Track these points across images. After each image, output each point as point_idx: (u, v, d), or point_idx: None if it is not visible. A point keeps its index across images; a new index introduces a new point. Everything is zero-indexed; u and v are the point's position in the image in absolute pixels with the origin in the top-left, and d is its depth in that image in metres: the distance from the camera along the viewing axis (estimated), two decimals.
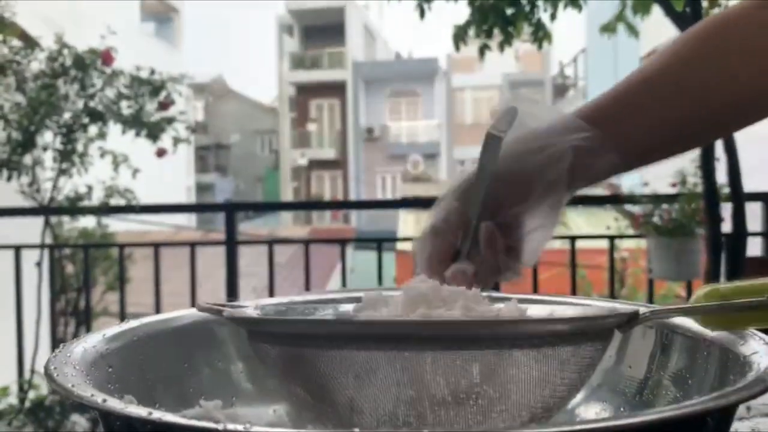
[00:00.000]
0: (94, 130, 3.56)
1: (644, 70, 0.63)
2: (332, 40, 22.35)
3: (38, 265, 3.33)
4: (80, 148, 3.52)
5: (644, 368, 0.54)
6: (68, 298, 4.35)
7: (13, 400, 3.30)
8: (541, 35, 3.50)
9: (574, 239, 3.36)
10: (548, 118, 0.61)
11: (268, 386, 0.57)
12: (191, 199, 16.28)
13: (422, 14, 3.42)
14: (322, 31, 22.73)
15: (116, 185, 3.56)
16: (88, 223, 4.43)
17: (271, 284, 3.21)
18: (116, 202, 3.55)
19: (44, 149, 3.54)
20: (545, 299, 0.60)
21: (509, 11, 3.40)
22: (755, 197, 3.14)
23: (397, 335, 0.42)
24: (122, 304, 3.34)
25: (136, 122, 3.58)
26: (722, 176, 2.93)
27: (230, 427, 0.33)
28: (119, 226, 5.17)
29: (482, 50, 3.52)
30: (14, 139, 3.40)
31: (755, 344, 0.45)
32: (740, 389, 0.37)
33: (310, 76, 22.55)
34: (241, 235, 3.65)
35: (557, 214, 0.59)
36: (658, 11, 3.04)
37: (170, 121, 3.68)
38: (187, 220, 11.16)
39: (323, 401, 0.44)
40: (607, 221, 3.43)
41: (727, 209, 2.92)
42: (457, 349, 0.42)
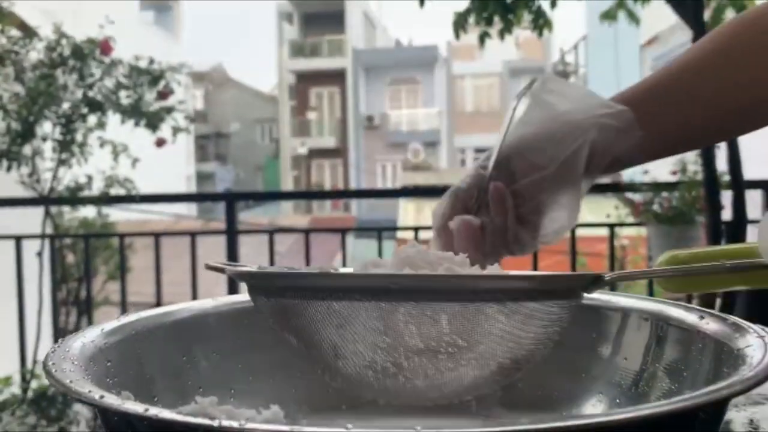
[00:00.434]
0: (93, 120, 3.56)
1: (681, 60, 0.62)
2: (332, 27, 22.25)
3: (39, 255, 3.34)
4: (80, 138, 3.51)
5: (640, 360, 0.54)
6: (69, 287, 4.36)
7: (15, 389, 3.31)
8: (541, 23, 3.48)
9: (573, 228, 3.35)
10: (578, 97, 0.61)
11: (264, 383, 0.57)
12: (191, 188, 16.25)
13: (422, 1, 3.40)
14: (321, 18, 22.62)
15: (116, 175, 3.56)
16: (88, 212, 4.43)
17: None
18: (116, 191, 3.55)
19: (44, 139, 3.54)
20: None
21: None
22: (755, 185, 3.14)
23: (371, 288, 0.45)
24: (123, 293, 3.35)
25: (135, 112, 3.57)
26: (722, 164, 2.92)
27: (225, 423, 0.34)
28: (119, 215, 5.17)
29: (482, 38, 3.51)
30: (14, 129, 3.40)
31: (750, 338, 0.45)
32: (732, 384, 0.37)
33: (309, 64, 22.46)
34: (241, 224, 3.65)
35: (578, 198, 0.60)
36: None
37: (169, 110, 3.68)
38: (187, 209, 11.16)
39: (311, 348, 0.48)
40: (607, 209, 3.43)
41: (727, 197, 2.91)
42: (426, 300, 0.44)
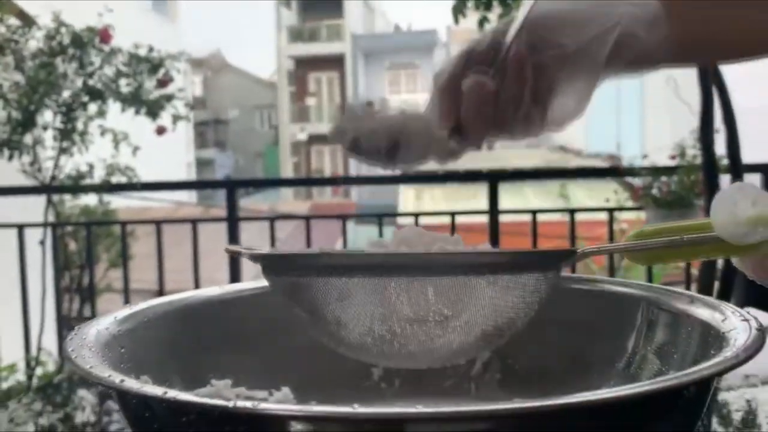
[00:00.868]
0: (93, 108, 3.56)
1: None
2: (330, 12, 22.13)
3: (42, 243, 3.36)
4: (80, 126, 3.52)
5: (632, 343, 0.57)
6: (72, 275, 4.39)
7: (20, 376, 3.35)
8: None
9: (573, 212, 3.38)
10: None
11: (274, 366, 0.60)
12: (191, 174, 16.25)
13: None
14: (320, 3, 22.50)
15: (117, 163, 3.57)
16: (89, 201, 4.44)
17: None
18: (117, 179, 3.57)
19: (44, 128, 3.54)
20: None
21: None
22: (754, 169, 3.15)
23: (367, 265, 0.51)
24: (126, 280, 3.38)
25: (135, 100, 3.58)
26: (721, 148, 2.94)
27: (240, 404, 0.36)
28: (121, 203, 5.19)
29: (481, 22, 3.50)
30: (14, 118, 3.40)
31: (735, 321, 0.47)
32: (714, 364, 0.40)
33: (308, 49, 22.36)
34: (242, 210, 3.66)
35: (592, 87, 0.56)
36: None
37: (169, 98, 3.68)
38: (187, 196, 11.16)
39: (318, 319, 0.53)
40: (606, 193, 3.45)
41: (726, 181, 2.93)
42: (415, 276, 0.50)
